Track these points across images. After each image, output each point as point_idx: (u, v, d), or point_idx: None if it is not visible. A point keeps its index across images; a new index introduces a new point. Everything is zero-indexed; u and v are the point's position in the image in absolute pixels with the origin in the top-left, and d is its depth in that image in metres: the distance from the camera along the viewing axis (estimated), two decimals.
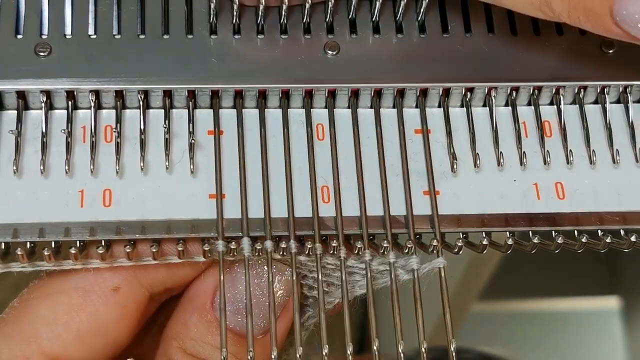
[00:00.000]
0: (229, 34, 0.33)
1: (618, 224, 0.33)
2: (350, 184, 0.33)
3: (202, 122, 0.33)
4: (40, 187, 0.32)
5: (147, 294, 0.33)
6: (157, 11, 0.34)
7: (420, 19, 0.34)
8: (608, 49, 0.34)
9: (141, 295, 0.33)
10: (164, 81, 0.32)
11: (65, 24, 0.33)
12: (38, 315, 0.31)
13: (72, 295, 0.32)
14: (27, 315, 0.32)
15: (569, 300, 1.37)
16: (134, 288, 0.33)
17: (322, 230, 0.32)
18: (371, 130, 0.34)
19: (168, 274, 0.33)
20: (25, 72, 0.32)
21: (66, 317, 0.31)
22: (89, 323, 0.32)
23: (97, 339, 0.32)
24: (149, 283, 0.33)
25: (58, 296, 0.32)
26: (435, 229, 0.32)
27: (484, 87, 0.34)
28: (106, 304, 0.32)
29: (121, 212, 0.32)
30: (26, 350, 0.31)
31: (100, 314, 0.32)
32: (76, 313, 0.32)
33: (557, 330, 1.33)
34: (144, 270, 0.33)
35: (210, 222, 0.32)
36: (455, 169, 0.33)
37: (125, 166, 0.32)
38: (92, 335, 0.32)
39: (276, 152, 0.33)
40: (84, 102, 0.33)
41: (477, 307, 1.17)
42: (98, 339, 0.32)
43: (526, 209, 0.33)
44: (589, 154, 0.34)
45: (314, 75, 0.33)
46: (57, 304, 0.32)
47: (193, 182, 0.32)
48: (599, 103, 0.35)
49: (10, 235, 0.31)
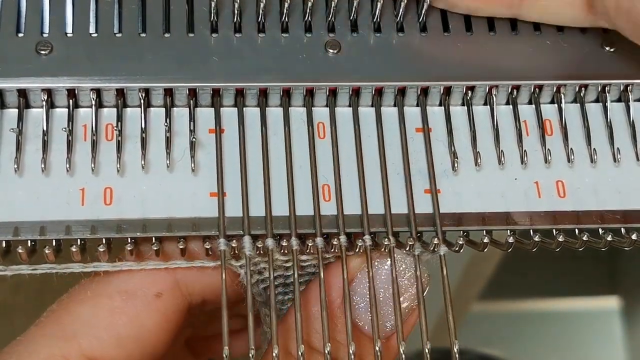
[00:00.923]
0: (230, 33, 0.33)
1: (619, 223, 0.33)
2: (351, 182, 0.33)
3: (203, 121, 0.33)
4: (41, 185, 0.32)
5: (186, 302, 0.33)
6: (158, 9, 0.34)
7: (421, 18, 0.35)
8: (609, 47, 0.35)
9: (182, 304, 0.33)
10: (165, 79, 0.32)
11: (66, 23, 0.33)
12: (79, 317, 0.31)
13: (115, 299, 0.32)
14: (68, 316, 0.31)
15: (569, 300, 1.37)
16: (175, 295, 0.33)
17: (324, 228, 0.32)
18: (372, 129, 0.34)
19: (207, 284, 0.33)
20: (26, 70, 0.32)
21: (108, 319, 0.31)
22: (130, 327, 0.31)
23: (136, 344, 0.32)
24: (189, 292, 0.33)
25: (100, 299, 0.32)
26: (437, 227, 0.32)
27: (484, 86, 0.34)
28: (148, 309, 0.32)
29: (122, 211, 0.31)
30: (65, 350, 0.31)
31: (141, 319, 0.32)
32: (118, 316, 0.31)
33: (557, 330, 1.33)
34: (186, 278, 0.33)
35: (212, 221, 0.32)
36: (456, 167, 0.33)
37: (126, 164, 0.32)
38: (131, 340, 0.31)
39: (277, 150, 0.33)
40: (85, 100, 0.33)
41: (477, 307, 1.17)
42: (137, 344, 0.32)
43: (527, 208, 0.33)
44: (590, 153, 0.34)
45: (315, 74, 0.33)
46: (99, 306, 0.31)
47: (194, 181, 0.32)
48: (600, 101, 0.35)
49: (11, 233, 0.31)
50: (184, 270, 0.33)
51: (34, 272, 0.31)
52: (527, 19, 0.34)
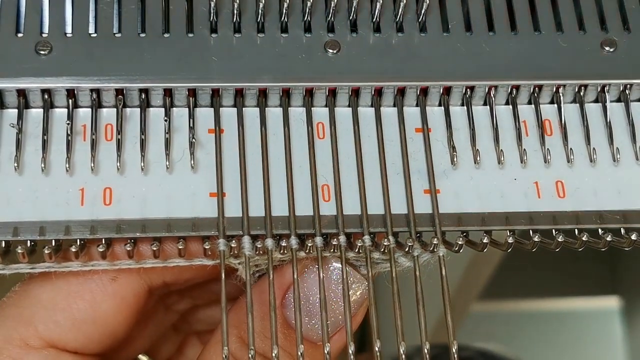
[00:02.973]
0: (229, 33, 0.33)
1: (619, 223, 0.33)
2: (350, 183, 0.33)
3: (203, 121, 0.33)
4: (41, 185, 0.32)
5: (145, 286, 0.33)
6: (158, 10, 0.34)
7: (420, 18, 0.34)
8: (609, 47, 0.35)
9: (139, 288, 0.33)
10: (165, 79, 0.32)
11: (66, 23, 0.33)
12: (37, 300, 0.32)
13: (72, 282, 0.32)
14: (27, 298, 0.32)
15: (569, 300, 1.37)
16: (131, 279, 0.33)
17: (323, 228, 0.32)
18: (372, 129, 0.34)
19: (166, 268, 0.33)
20: (26, 70, 0.32)
21: (64, 302, 0.32)
22: (86, 311, 0.32)
23: (94, 328, 0.32)
24: (147, 275, 0.33)
25: (58, 282, 0.32)
26: (436, 228, 0.32)
27: (484, 86, 0.34)
28: (104, 293, 0.32)
29: (122, 211, 0.31)
30: (23, 333, 0.31)
31: (97, 303, 0.32)
32: (74, 300, 0.32)
33: (557, 330, 1.33)
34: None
35: (211, 221, 0.32)
36: (456, 161, 0.33)
37: (126, 164, 0.32)
38: (89, 323, 0.32)
39: (277, 150, 0.33)
40: (84, 100, 0.33)
41: (477, 307, 1.17)
42: (95, 328, 0.32)
43: (527, 208, 0.33)
44: (590, 153, 0.34)
45: (314, 74, 0.33)
46: (57, 289, 0.32)
47: (194, 181, 0.32)
48: (600, 102, 0.35)
49: (10, 233, 0.31)
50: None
51: (33, 271, 0.32)
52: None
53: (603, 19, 0.35)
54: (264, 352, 0.32)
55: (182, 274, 0.34)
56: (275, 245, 0.31)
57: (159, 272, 0.33)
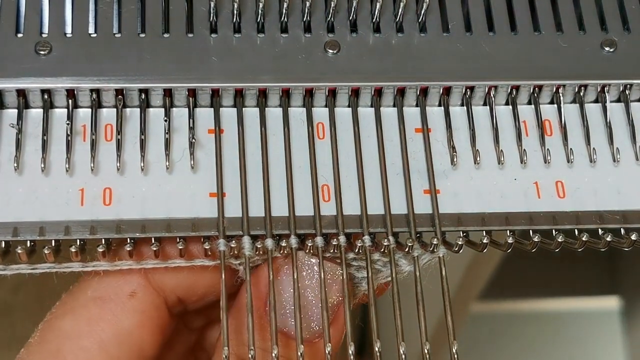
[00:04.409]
0: (229, 33, 0.33)
1: (618, 223, 0.33)
2: (350, 183, 0.33)
3: (203, 121, 0.33)
4: (41, 185, 0.32)
5: (162, 299, 0.33)
6: (158, 10, 0.34)
7: (420, 18, 0.34)
8: (608, 47, 0.35)
9: (157, 300, 0.33)
10: (165, 80, 0.32)
11: (66, 23, 0.33)
12: (61, 331, 0.32)
13: (90, 307, 0.32)
14: (51, 332, 0.32)
15: (569, 300, 1.37)
16: (149, 292, 0.33)
17: (323, 228, 0.32)
18: (371, 129, 0.34)
19: (179, 282, 0.33)
20: (26, 70, 0.32)
21: (87, 328, 0.31)
22: (110, 331, 0.32)
23: (121, 347, 0.32)
24: (161, 288, 0.33)
25: (77, 309, 0.32)
26: (436, 228, 0.32)
27: (484, 86, 0.34)
28: (124, 310, 0.32)
29: (121, 211, 0.31)
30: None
31: (120, 321, 0.32)
32: (96, 323, 0.32)
33: (557, 330, 1.33)
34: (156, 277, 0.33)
35: (211, 221, 0.32)
36: (456, 161, 0.33)
37: (126, 165, 0.32)
38: (115, 343, 0.32)
39: (277, 150, 0.33)
40: (84, 100, 0.33)
41: (477, 307, 1.17)
42: (121, 347, 0.32)
43: (526, 208, 0.33)
44: (590, 153, 0.34)
45: (314, 74, 0.33)
46: (77, 316, 0.32)
47: (193, 181, 0.32)
48: (599, 102, 0.35)
49: (10, 233, 0.31)
50: (154, 269, 0.33)
51: (34, 271, 0.32)
52: None
53: (603, 19, 0.35)
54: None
55: (194, 289, 0.34)
56: (275, 245, 0.31)
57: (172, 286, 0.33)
